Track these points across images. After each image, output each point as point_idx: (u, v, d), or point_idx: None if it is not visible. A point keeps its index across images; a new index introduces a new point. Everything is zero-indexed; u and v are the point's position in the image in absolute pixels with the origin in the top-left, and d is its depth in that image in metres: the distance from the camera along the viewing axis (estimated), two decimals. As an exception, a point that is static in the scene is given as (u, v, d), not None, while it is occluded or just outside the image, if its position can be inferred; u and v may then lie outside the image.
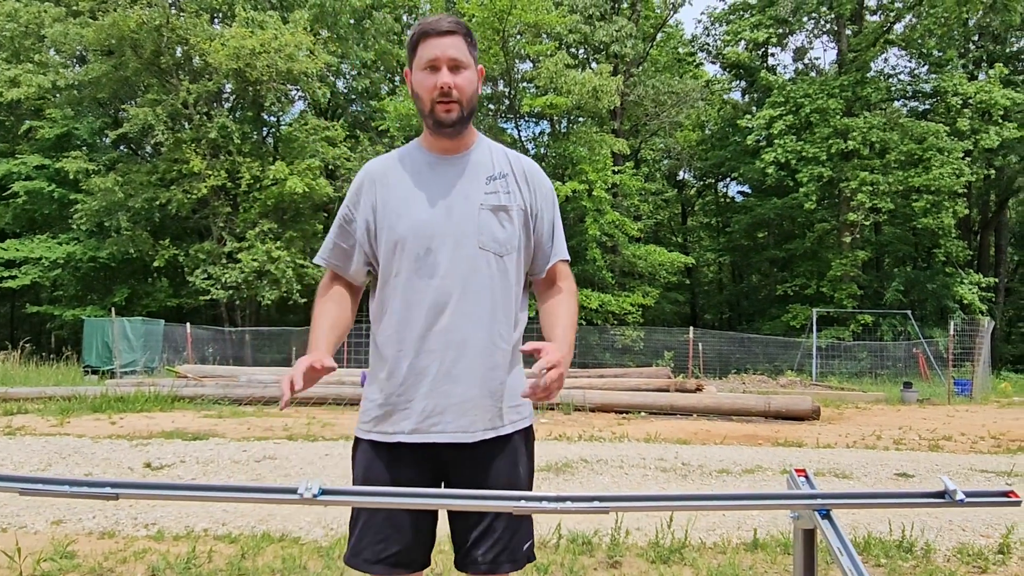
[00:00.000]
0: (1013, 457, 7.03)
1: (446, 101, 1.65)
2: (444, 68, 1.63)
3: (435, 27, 1.64)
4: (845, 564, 1.46)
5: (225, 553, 3.51)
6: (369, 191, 1.73)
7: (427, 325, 1.65)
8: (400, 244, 1.67)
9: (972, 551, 3.72)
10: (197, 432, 7.78)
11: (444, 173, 1.72)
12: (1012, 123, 21.27)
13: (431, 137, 1.74)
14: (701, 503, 1.55)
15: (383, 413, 1.69)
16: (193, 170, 20.99)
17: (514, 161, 1.79)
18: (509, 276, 1.71)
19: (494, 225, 1.69)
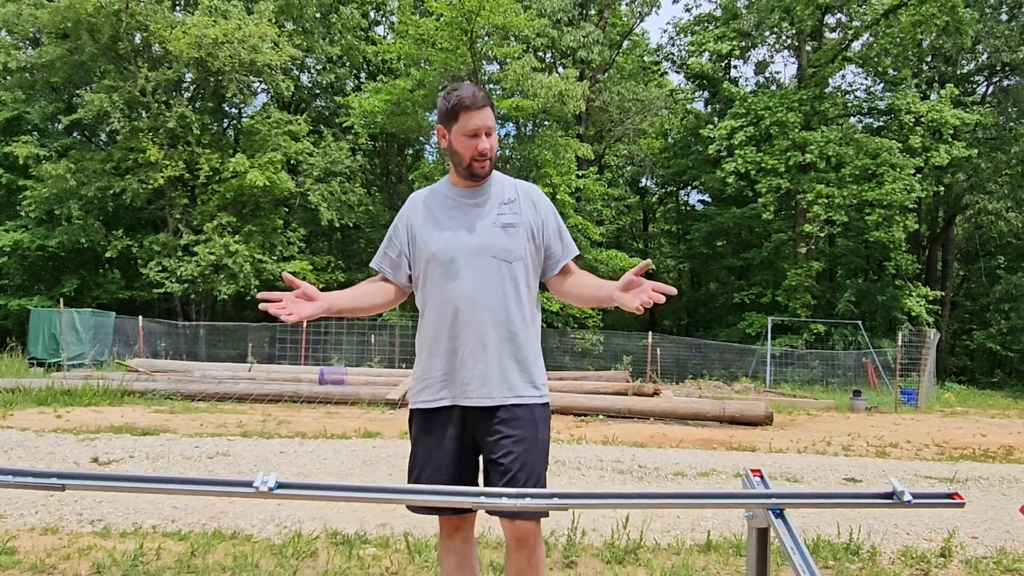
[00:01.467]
0: (955, 464, 7.27)
1: (482, 160, 2.14)
2: (483, 136, 2.12)
3: (474, 102, 2.10)
4: (797, 562, 1.50)
5: (174, 550, 3.43)
6: (412, 215, 2.25)
7: (454, 317, 2.12)
8: (432, 257, 2.17)
9: (916, 554, 3.83)
10: (147, 427, 7.59)
11: (464, 203, 2.22)
12: (961, 142, 22.02)
13: (461, 179, 2.22)
14: (658, 501, 1.57)
15: (425, 386, 2.17)
16: (150, 160, 20.49)
17: (519, 188, 2.29)
18: (517, 279, 2.17)
19: (503, 238, 2.17)
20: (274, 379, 12.18)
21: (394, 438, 7.60)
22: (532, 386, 2.16)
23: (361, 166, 25.58)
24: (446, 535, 2.20)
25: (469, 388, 2.10)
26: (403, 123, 22.65)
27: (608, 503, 1.54)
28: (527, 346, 2.18)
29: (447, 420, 2.14)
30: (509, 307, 2.15)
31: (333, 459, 6.17)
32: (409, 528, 3.94)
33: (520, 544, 2.10)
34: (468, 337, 2.11)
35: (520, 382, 2.14)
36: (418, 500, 1.43)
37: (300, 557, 3.38)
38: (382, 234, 13.45)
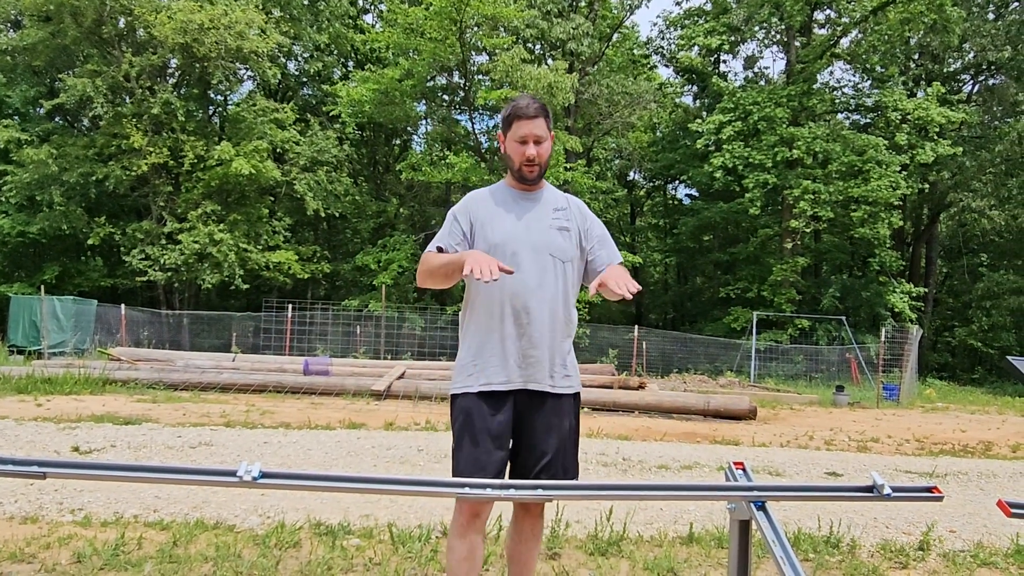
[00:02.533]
0: (935, 459, 7.36)
1: (530, 165, 2.33)
2: (531, 143, 2.31)
3: (526, 112, 2.30)
4: (778, 553, 1.51)
5: (156, 540, 3.41)
6: (474, 208, 2.39)
7: (513, 305, 2.27)
8: (493, 248, 2.29)
9: (895, 547, 3.87)
10: (129, 416, 7.52)
11: (522, 203, 2.40)
12: (947, 140, 22.20)
13: (515, 182, 2.41)
14: (642, 493, 1.58)
15: (480, 371, 2.28)
16: (133, 146, 20.27)
17: (569, 199, 2.49)
18: (568, 278, 2.36)
19: (559, 239, 2.36)
20: (258, 369, 12.12)
21: (379, 429, 7.59)
22: (568, 379, 2.34)
23: (348, 156, 25.43)
24: (466, 522, 2.24)
25: (529, 373, 2.25)
26: (391, 113, 22.54)
27: (592, 495, 1.54)
28: (570, 341, 2.38)
29: (502, 403, 2.26)
30: (563, 302, 2.34)
31: (317, 450, 6.15)
32: (393, 519, 3.94)
33: (527, 512, 2.35)
34: (531, 326, 2.26)
35: (567, 373, 2.33)
36: (397, 491, 1.42)
37: (283, 547, 3.37)
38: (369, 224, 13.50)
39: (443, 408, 9.90)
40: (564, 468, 2.30)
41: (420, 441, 6.79)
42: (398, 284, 22.07)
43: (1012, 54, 23.27)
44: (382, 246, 23.39)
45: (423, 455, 6.09)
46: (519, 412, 2.29)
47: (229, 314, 21.30)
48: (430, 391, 10.69)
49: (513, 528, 2.42)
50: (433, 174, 21.71)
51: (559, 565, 3.28)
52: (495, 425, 2.23)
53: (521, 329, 2.27)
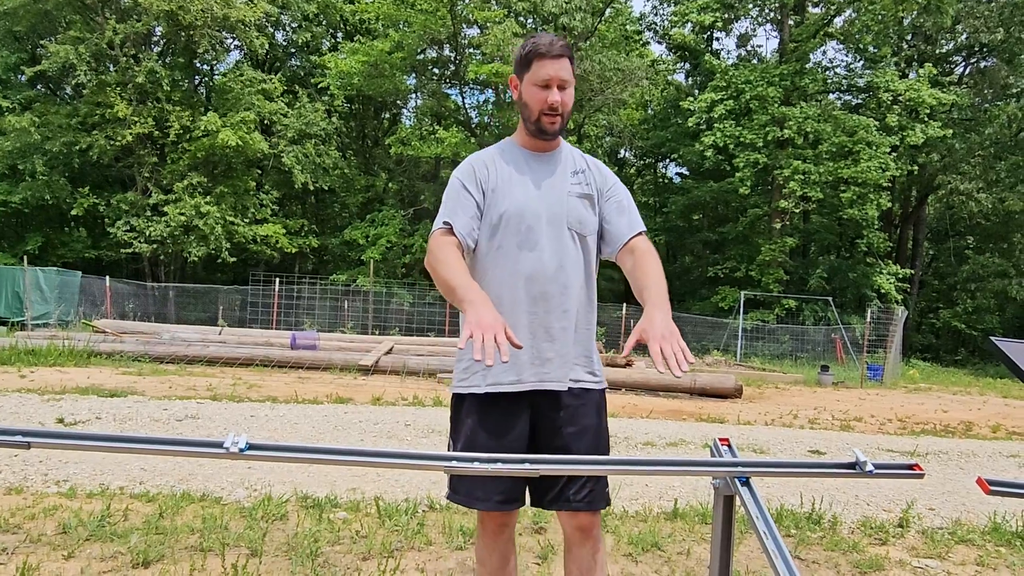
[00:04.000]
0: (917, 439, 7.46)
1: (552, 114, 1.92)
2: (555, 87, 1.90)
3: (550, 50, 1.89)
4: (761, 528, 1.52)
5: (142, 512, 3.41)
6: (481, 171, 1.99)
7: (528, 291, 1.91)
8: (504, 220, 1.93)
9: (875, 524, 3.93)
10: (114, 389, 7.49)
11: (536, 166, 2.00)
12: (937, 122, 22.23)
13: (528, 138, 2.01)
14: (628, 468, 1.58)
15: (484, 367, 1.80)
16: (117, 115, 19.96)
17: (589, 161, 2.10)
18: (590, 254, 2.01)
19: (580, 209, 1.98)
20: (245, 343, 12.08)
21: (366, 404, 7.60)
22: (592, 372, 2.01)
23: (337, 128, 25.18)
24: (491, 534, 2.00)
25: (546, 371, 1.91)
26: (380, 86, 22.29)
27: (579, 469, 1.54)
28: (593, 331, 2.04)
29: (517, 406, 1.93)
30: (585, 286, 2.00)
31: (304, 424, 6.15)
32: (380, 493, 3.96)
33: (584, 535, 1.96)
34: (549, 316, 1.92)
35: (591, 369, 2.01)
36: (383, 464, 1.41)
37: (270, 520, 3.38)
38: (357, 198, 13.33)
39: (431, 384, 9.92)
40: (594, 490, 1.93)
41: (407, 416, 6.81)
42: (386, 259, 22.00)
43: (1004, 36, 23.25)
44: (371, 221, 23.26)
45: (410, 430, 6.11)
46: (536, 417, 1.95)
47: (216, 287, 21.18)
48: (418, 366, 10.70)
49: (570, 559, 2.00)
50: (422, 149, 21.55)
51: (545, 539, 3.31)
52: (508, 441, 1.89)
53: (536, 320, 1.91)
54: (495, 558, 2.01)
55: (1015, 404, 12.06)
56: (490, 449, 1.86)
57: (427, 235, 9.16)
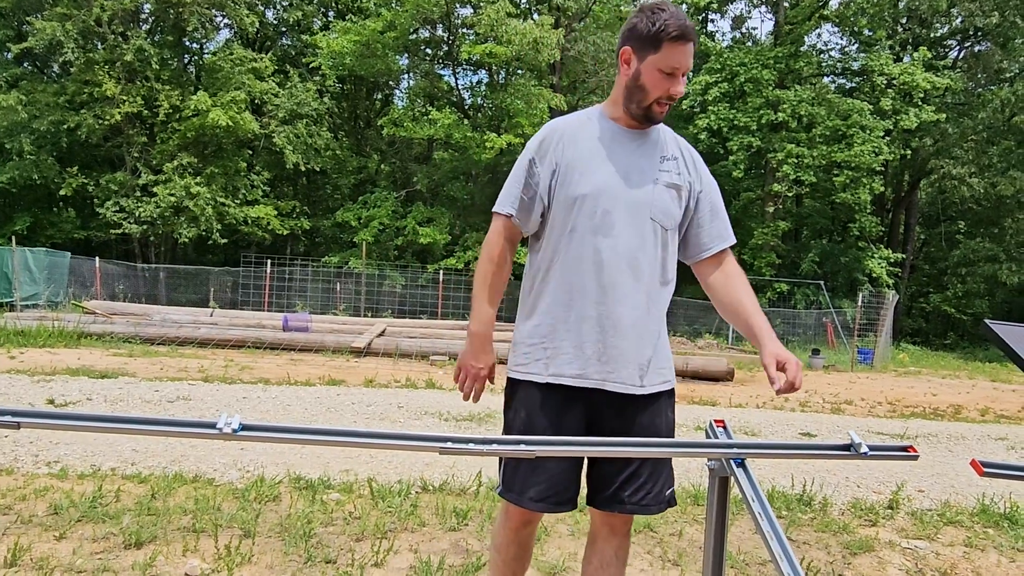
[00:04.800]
0: (906, 421, 7.52)
1: (667, 104, 1.78)
2: (680, 77, 1.75)
3: (686, 34, 1.72)
4: (756, 509, 1.52)
5: (134, 493, 3.40)
6: (557, 147, 1.82)
7: (598, 280, 1.78)
8: (580, 201, 1.79)
9: (865, 505, 3.97)
10: (105, 370, 7.45)
11: (625, 145, 1.84)
12: (931, 106, 22.21)
13: (625, 116, 1.83)
14: (623, 450, 1.58)
15: (549, 356, 1.81)
16: (106, 94, 19.72)
17: (683, 147, 1.93)
18: (669, 248, 1.86)
19: (667, 199, 1.82)
20: (236, 324, 12.03)
21: (359, 386, 7.59)
22: (661, 372, 1.88)
23: (328, 109, 24.95)
24: (516, 526, 1.92)
25: (610, 369, 1.79)
26: (372, 66, 22.07)
27: (574, 450, 1.54)
28: (664, 328, 1.91)
29: (575, 400, 1.81)
30: (660, 280, 1.85)
31: (297, 406, 6.14)
32: (373, 474, 3.96)
33: (612, 532, 1.91)
34: (620, 307, 1.78)
35: (661, 366, 1.87)
36: (377, 444, 1.40)
37: (263, 501, 3.38)
38: (349, 180, 13.21)
39: (423, 366, 9.91)
40: (657, 476, 1.85)
41: (400, 398, 6.81)
42: (379, 241, 21.91)
43: (999, 20, 23.18)
44: (363, 203, 23.14)
45: (403, 412, 6.11)
46: (594, 415, 1.83)
47: (207, 269, 21.07)
48: (410, 349, 10.69)
49: (592, 551, 1.95)
50: (415, 130, 21.40)
51: (537, 520, 3.32)
52: (564, 429, 1.80)
53: (606, 310, 1.78)
54: (513, 549, 1.95)
55: (1004, 388, 12.17)
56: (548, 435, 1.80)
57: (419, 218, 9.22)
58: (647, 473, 1.84)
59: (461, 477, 3.96)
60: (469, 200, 23.51)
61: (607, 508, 1.87)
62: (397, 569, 2.71)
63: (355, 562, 2.72)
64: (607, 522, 1.90)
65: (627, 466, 1.83)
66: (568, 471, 1.82)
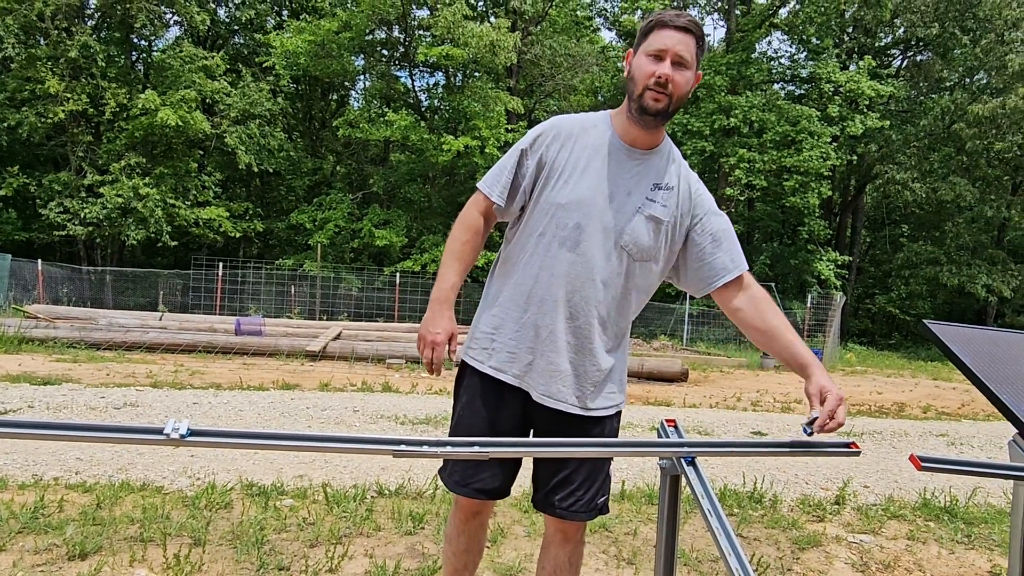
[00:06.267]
0: (853, 419, 7.74)
1: (659, 90, 1.69)
2: (668, 60, 1.69)
3: (673, 21, 1.71)
4: (705, 506, 1.56)
5: (78, 503, 3.30)
6: (551, 145, 1.79)
7: (552, 293, 1.76)
8: (556, 209, 1.76)
9: (813, 502, 4.08)
10: (48, 376, 7.20)
11: (621, 163, 1.78)
12: (875, 113, 22.94)
13: (627, 122, 1.78)
14: (577, 450, 1.60)
15: (493, 349, 1.83)
16: (49, 91, 19.08)
17: (684, 177, 1.84)
18: (636, 279, 1.80)
19: (642, 231, 1.76)
20: (187, 328, 11.75)
21: (313, 390, 7.50)
22: (607, 397, 1.85)
23: (282, 109, 24.59)
24: (464, 518, 1.96)
25: (547, 384, 1.78)
26: (328, 66, 21.83)
27: (526, 451, 1.55)
28: (613, 357, 1.85)
29: (509, 397, 1.83)
30: (618, 310, 1.81)
31: (249, 411, 6.03)
32: (328, 479, 3.91)
33: (565, 539, 1.90)
34: (563, 322, 1.76)
35: (601, 393, 1.83)
36: (329, 448, 1.39)
37: (214, 508, 3.31)
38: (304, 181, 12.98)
39: (380, 369, 9.84)
40: (591, 483, 1.85)
41: (356, 402, 6.75)
42: (334, 243, 21.65)
43: (939, 31, 24.08)
44: (318, 204, 22.84)
45: (358, 416, 6.06)
46: (533, 416, 1.85)
47: (156, 271, 20.54)
48: (367, 352, 10.59)
49: (546, 556, 1.94)
50: (371, 131, 21.22)
51: (494, 523, 3.32)
52: (500, 421, 1.82)
53: (552, 325, 1.76)
54: (463, 540, 1.98)
55: (945, 386, 12.63)
56: (482, 423, 1.82)
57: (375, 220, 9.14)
58: (580, 479, 1.83)
59: (417, 480, 3.95)
60: (426, 202, 23.41)
61: (539, 509, 1.92)
62: (352, 575, 2.69)
63: (309, 568, 2.69)
64: (560, 528, 1.90)
65: (561, 469, 1.83)
66: (497, 465, 1.85)
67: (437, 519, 3.33)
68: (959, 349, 2.08)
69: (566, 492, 1.84)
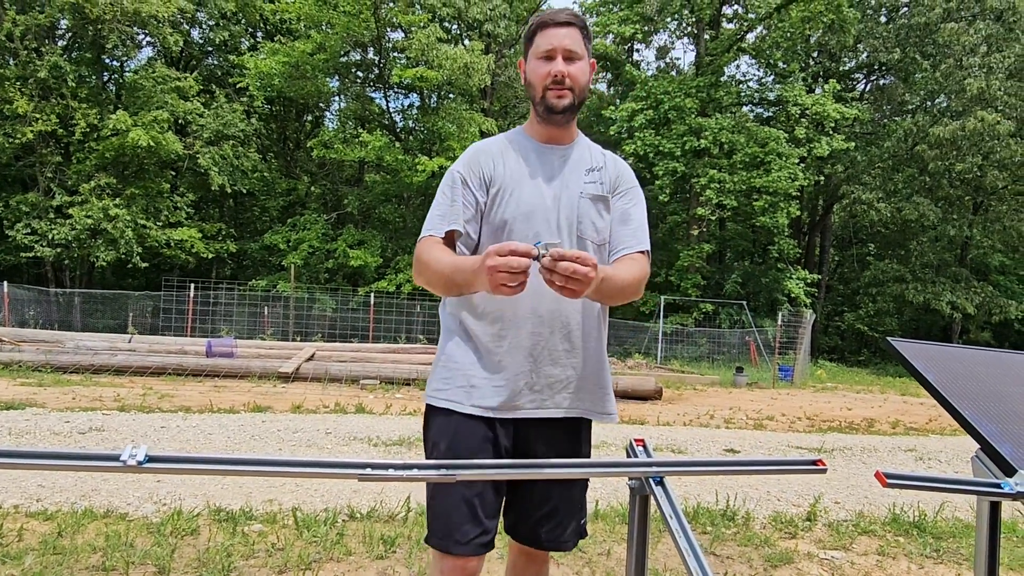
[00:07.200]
0: (824, 435, 7.82)
1: (558, 88, 1.70)
2: (559, 57, 1.68)
3: (553, 19, 1.70)
4: (674, 527, 1.56)
5: (39, 531, 3.21)
6: (487, 166, 1.74)
7: (534, 308, 1.69)
8: (508, 226, 1.71)
9: (785, 518, 4.10)
10: (11, 401, 7.03)
11: (549, 161, 1.77)
12: (841, 135, 23.46)
13: (538, 125, 1.78)
14: (546, 471, 1.59)
15: (472, 385, 1.70)
16: (17, 111, 18.81)
17: (609, 157, 1.87)
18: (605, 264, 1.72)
19: (593, 214, 1.76)
20: (157, 351, 11.56)
21: (285, 412, 7.40)
22: (608, 404, 1.83)
23: (256, 130, 24.47)
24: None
25: (546, 397, 1.72)
26: (302, 87, 21.82)
27: (495, 473, 1.54)
28: (604, 352, 1.83)
29: (502, 435, 1.71)
30: (595, 303, 1.77)
31: (219, 434, 5.93)
32: (298, 503, 3.85)
33: (531, 560, 1.86)
34: (555, 337, 1.71)
35: (601, 396, 1.81)
36: (297, 473, 1.37)
37: (180, 535, 3.24)
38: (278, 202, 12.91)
39: (353, 390, 9.74)
40: (572, 511, 1.81)
41: (328, 424, 6.67)
42: (308, 264, 21.50)
43: (901, 56, 24.77)
44: (292, 225, 22.69)
45: (331, 438, 5.99)
46: (521, 445, 1.75)
47: (126, 293, 20.21)
48: (340, 373, 10.50)
49: (513, 574, 1.90)
50: (346, 152, 21.21)
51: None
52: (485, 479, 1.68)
53: (540, 341, 1.70)
54: None
55: (912, 401, 12.83)
56: (473, 491, 1.66)
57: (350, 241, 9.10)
58: (564, 509, 1.79)
59: (389, 503, 3.90)
60: (401, 223, 23.37)
61: (522, 542, 1.84)
62: (321, 601, 2.64)
63: (277, 595, 2.64)
64: (524, 550, 1.86)
65: (545, 503, 1.78)
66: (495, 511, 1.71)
67: (409, 542, 3.29)
68: (922, 366, 2.12)
69: (554, 523, 1.79)
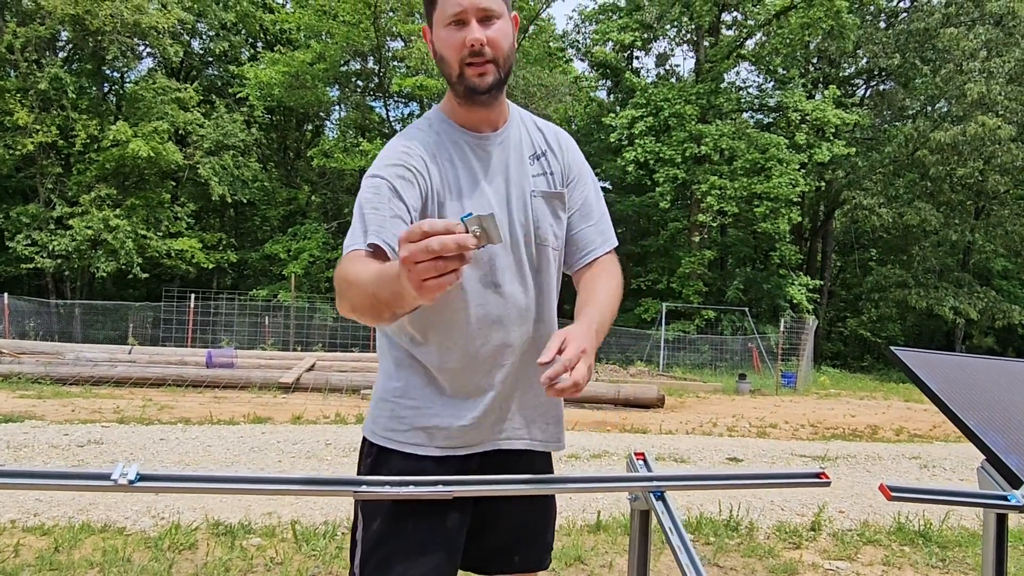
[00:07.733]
0: (827, 443, 7.78)
1: (478, 62, 1.33)
2: (473, 21, 1.31)
3: None
4: (675, 542, 1.53)
5: (36, 546, 3.18)
6: (420, 170, 1.36)
7: (488, 337, 1.42)
8: None
9: (789, 528, 4.06)
10: (10, 413, 7.01)
11: (488, 157, 1.43)
12: (841, 141, 23.47)
13: (461, 108, 1.41)
14: (545, 487, 1.57)
15: (423, 422, 1.43)
16: (18, 123, 18.87)
17: (550, 133, 1.53)
18: (558, 274, 1.53)
19: (550, 216, 1.47)
20: (157, 362, 11.53)
21: (285, 423, 7.37)
22: (561, 426, 1.63)
23: (256, 140, 24.53)
24: None
25: (506, 428, 1.50)
26: (302, 97, 21.88)
27: (493, 489, 1.51)
28: None
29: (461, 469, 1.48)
30: (553, 316, 1.53)
31: (218, 446, 5.90)
32: (297, 516, 3.82)
33: None
34: (519, 363, 1.47)
35: (556, 421, 1.60)
36: (290, 491, 1.34)
37: (178, 549, 3.21)
38: (279, 211, 12.92)
39: (354, 400, 9.71)
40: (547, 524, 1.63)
41: (328, 435, 6.64)
42: (309, 273, 21.50)
43: (900, 61, 24.80)
44: (292, 234, 22.71)
45: (331, 449, 5.95)
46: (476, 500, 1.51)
47: (126, 304, 20.19)
48: (341, 383, 10.47)
49: None
50: (346, 161, 21.24)
51: (467, 558, 3.26)
52: (450, 521, 1.43)
53: (502, 372, 1.45)
54: None
55: (916, 407, 12.76)
56: (421, 538, 1.42)
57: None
58: (542, 527, 1.63)
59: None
60: (401, 231, 23.34)
61: (499, 571, 1.60)
62: (320, 617, 2.61)
63: (275, 611, 2.60)
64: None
65: (523, 524, 1.59)
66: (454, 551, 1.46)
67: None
68: (925, 375, 2.09)
69: (527, 542, 1.60)
